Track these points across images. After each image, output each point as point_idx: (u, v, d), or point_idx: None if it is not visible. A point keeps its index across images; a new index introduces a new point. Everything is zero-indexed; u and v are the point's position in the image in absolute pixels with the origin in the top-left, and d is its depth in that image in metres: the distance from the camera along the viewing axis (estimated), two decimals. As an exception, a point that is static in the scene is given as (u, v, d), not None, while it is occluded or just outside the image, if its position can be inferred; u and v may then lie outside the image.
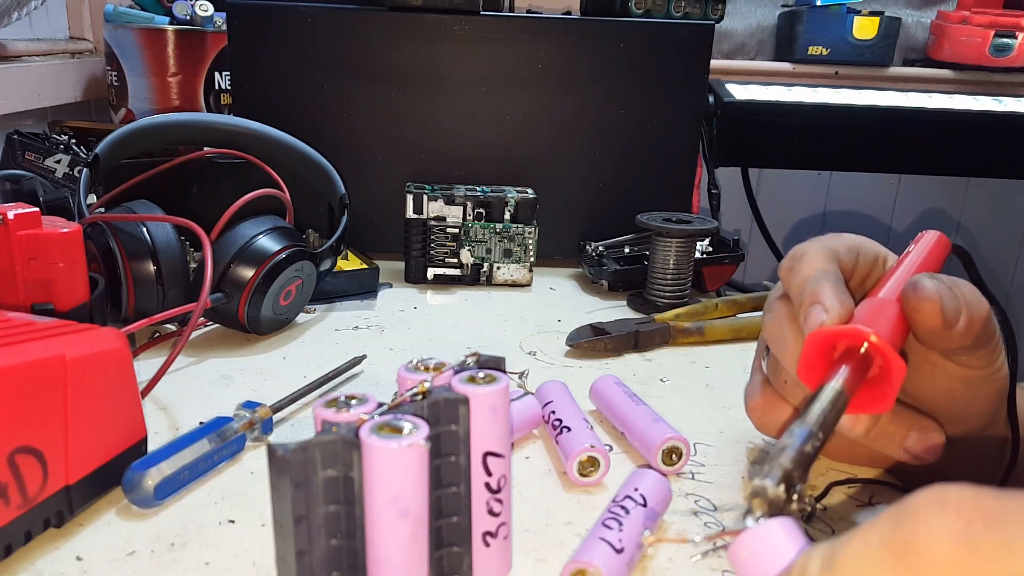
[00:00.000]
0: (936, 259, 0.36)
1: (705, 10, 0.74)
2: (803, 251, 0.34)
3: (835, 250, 0.35)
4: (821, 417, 0.26)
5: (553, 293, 0.69)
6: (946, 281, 0.31)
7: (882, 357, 0.28)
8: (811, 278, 0.32)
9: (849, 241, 0.36)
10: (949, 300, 0.30)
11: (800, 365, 0.30)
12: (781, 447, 0.24)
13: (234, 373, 0.49)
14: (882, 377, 0.29)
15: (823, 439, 0.25)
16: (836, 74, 1.33)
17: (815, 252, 0.34)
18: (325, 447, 0.24)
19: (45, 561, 0.31)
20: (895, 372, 0.28)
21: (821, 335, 0.29)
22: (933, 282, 0.30)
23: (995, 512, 0.15)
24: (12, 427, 0.29)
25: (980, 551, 0.15)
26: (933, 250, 0.36)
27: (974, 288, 0.31)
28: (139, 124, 0.59)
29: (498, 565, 0.29)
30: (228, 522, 0.34)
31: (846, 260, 0.35)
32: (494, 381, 0.28)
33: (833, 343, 0.30)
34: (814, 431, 0.25)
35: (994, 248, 1.60)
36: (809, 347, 0.30)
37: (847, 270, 0.35)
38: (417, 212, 0.66)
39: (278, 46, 0.69)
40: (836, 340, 0.29)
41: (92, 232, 0.51)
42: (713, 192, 0.92)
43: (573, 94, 0.71)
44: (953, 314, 0.30)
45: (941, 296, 0.30)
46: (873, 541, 0.17)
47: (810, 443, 0.24)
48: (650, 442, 0.39)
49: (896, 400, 0.35)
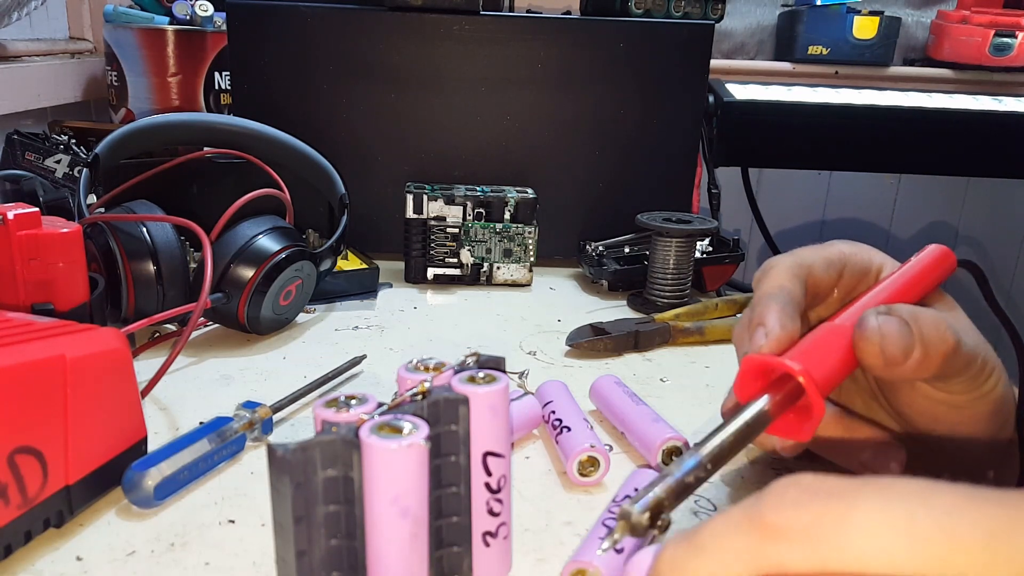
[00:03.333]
0: (934, 275, 0.35)
1: (705, 10, 0.74)
2: (772, 265, 0.34)
3: (806, 266, 0.34)
4: (716, 450, 0.26)
5: (553, 293, 0.69)
6: (905, 315, 0.30)
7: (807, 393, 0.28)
8: (765, 295, 0.32)
9: (834, 252, 0.35)
10: (894, 339, 0.29)
11: (735, 383, 0.30)
12: (665, 473, 0.25)
13: (234, 373, 0.49)
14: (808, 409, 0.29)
15: (711, 470, 0.26)
16: (836, 74, 1.33)
17: (781, 268, 0.34)
18: (325, 447, 0.24)
19: (45, 561, 0.31)
20: (815, 412, 0.28)
21: (754, 360, 0.30)
22: (879, 319, 0.30)
23: (834, 490, 0.18)
24: (12, 427, 0.29)
25: (817, 518, 0.18)
26: (930, 265, 0.35)
27: (940, 321, 0.30)
28: (139, 124, 0.59)
29: (498, 565, 0.29)
30: (228, 522, 0.34)
31: (823, 273, 0.34)
32: (494, 381, 0.28)
33: (768, 368, 0.30)
34: (703, 462, 0.25)
35: (994, 248, 1.60)
36: (744, 369, 0.30)
37: (823, 283, 0.34)
38: (417, 212, 0.66)
39: (278, 46, 0.69)
40: (769, 367, 0.30)
41: (92, 232, 0.51)
42: (713, 192, 0.92)
43: (573, 94, 0.71)
44: (900, 352, 0.29)
45: (883, 336, 0.29)
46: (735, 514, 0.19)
47: (694, 473, 0.25)
48: (650, 442, 0.39)
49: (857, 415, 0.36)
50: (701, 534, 0.20)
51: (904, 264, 0.36)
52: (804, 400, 0.29)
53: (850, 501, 0.18)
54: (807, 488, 0.18)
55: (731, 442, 0.26)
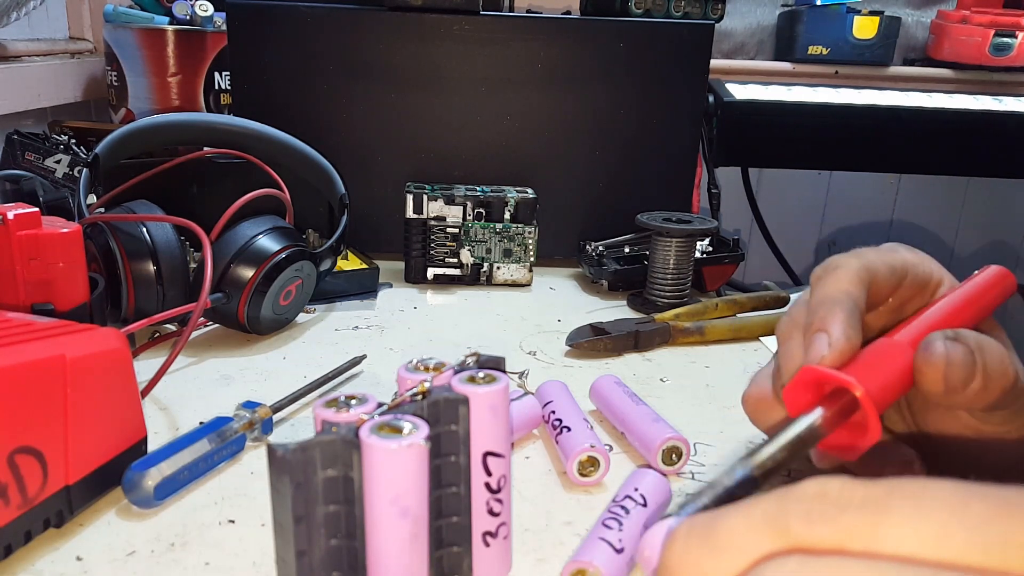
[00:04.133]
0: (992, 295, 0.34)
1: (705, 10, 0.74)
2: (837, 264, 0.32)
3: (872, 271, 0.32)
4: (769, 462, 0.25)
5: (553, 293, 0.69)
6: (972, 342, 0.29)
7: (863, 415, 0.28)
8: (829, 299, 0.31)
9: (898, 260, 0.33)
10: (959, 367, 0.28)
11: (786, 390, 0.30)
12: (715, 482, 0.24)
13: (234, 373, 0.49)
14: (860, 427, 0.28)
15: (759, 485, 0.25)
16: (836, 74, 1.33)
17: (846, 269, 0.32)
18: (325, 447, 0.24)
19: (45, 561, 0.31)
20: (871, 434, 0.28)
21: (813, 372, 0.29)
22: (946, 345, 0.29)
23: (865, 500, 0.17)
24: (12, 427, 0.29)
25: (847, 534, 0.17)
26: (988, 288, 0.34)
27: (1004, 354, 0.29)
28: (139, 124, 0.59)
29: (498, 565, 0.29)
30: (228, 522, 0.34)
31: (885, 281, 0.33)
32: (494, 381, 0.28)
33: (825, 380, 0.29)
34: (754, 475, 0.25)
35: (994, 248, 1.60)
36: (799, 379, 0.29)
37: (883, 291, 0.33)
38: (417, 212, 0.66)
39: (278, 46, 0.69)
40: (826, 381, 0.29)
41: (92, 232, 0.51)
42: (713, 192, 0.92)
43: (573, 94, 0.71)
44: (961, 381, 0.29)
45: (949, 363, 0.28)
46: (755, 515, 0.18)
47: (744, 487, 0.24)
48: (650, 442, 0.39)
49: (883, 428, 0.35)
50: (718, 531, 0.18)
51: (965, 282, 0.35)
52: (858, 417, 0.28)
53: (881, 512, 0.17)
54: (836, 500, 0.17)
55: (783, 456, 0.26)
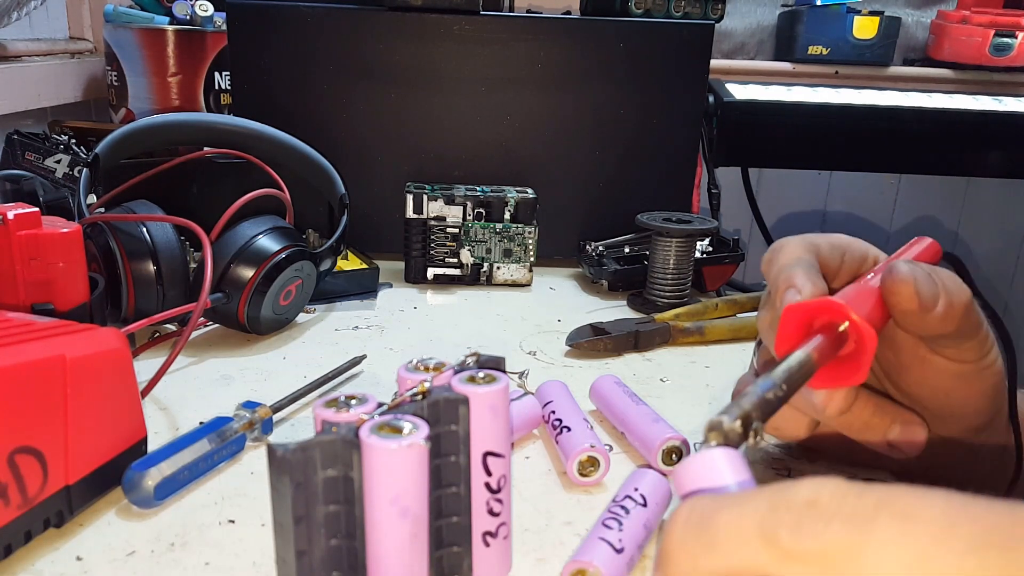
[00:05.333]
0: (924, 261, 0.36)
1: (705, 10, 0.74)
2: (783, 243, 0.35)
3: (816, 244, 0.35)
4: (786, 373, 0.26)
5: (553, 293, 0.69)
6: (925, 267, 0.31)
7: (854, 329, 0.29)
8: (786, 266, 0.33)
9: (835, 239, 0.36)
10: (925, 283, 0.31)
11: (776, 340, 0.30)
12: (744, 394, 0.24)
13: (234, 373, 0.49)
14: (856, 351, 0.29)
15: (787, 392, 0.25)
16: (836, 74, 1.33)
17: (793, 243, 0.35)
18: (325, 447, 0.24)
19: (45, 561, 0.31)
20: (867, 342, 0.29)
21: (795, 308, 0.30)
22: (909, 266, 0.31)
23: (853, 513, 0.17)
24: (12, 427, 0.29)
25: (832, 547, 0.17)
26: (921, 254, 0.37)
27: (955, 276, 0.32)
28: (139, 124, 0.59)
29: (498, 565, 0.29)
30: (228, 522, 0.34)
31: (829, 256, 0.36)
32: (494, 381, 0.28)
33: (809, 319, 0.30)
34: (777, 383, 0.25)
35: (994, 248, 1.60)
36: (784, 321, 0.30)
37: (831, 267, 0.36)
38: (417, 212, 0.66)
39: (278, 46, 0.69)
40: (811, 314, 0.30)
41: (92, 232, 0.51)
42: (713, 192, 0.92)
43: (573, 94, 0.71)
44: (930, 298, 0.31)
45: (916, 279, 0.31)
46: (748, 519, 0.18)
47: (772, 392, 0.25)
48: (650, 442, 0.39)
49: (881, 393, 0.36)
50: (715, 526, 0.19)
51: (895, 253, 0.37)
52: (851, 345, 0.29)
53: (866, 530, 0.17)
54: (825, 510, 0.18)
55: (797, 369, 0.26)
